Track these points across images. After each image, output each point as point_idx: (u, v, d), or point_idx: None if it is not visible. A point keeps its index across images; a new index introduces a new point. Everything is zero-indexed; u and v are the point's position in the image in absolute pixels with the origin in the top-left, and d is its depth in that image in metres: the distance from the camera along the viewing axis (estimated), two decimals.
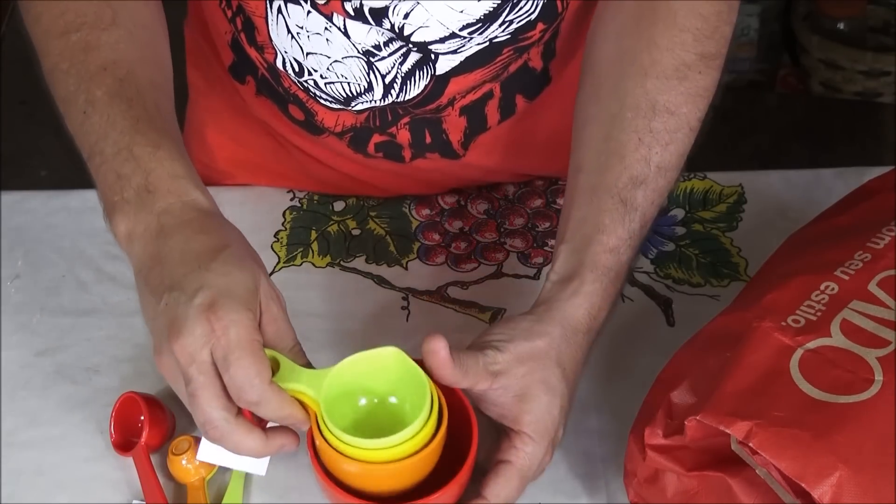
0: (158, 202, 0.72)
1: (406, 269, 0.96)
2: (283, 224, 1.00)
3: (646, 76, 0.78)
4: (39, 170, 2.25)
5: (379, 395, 0.72)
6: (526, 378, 0.72)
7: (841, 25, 2.25)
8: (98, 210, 1.01)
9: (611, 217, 0.77)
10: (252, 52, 0.93)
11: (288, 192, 1.03)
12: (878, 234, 0.75)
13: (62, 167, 2.22)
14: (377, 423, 0.71)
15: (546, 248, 0.97)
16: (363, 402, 0.72)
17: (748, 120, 2.24)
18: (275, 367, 0.70)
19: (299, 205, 1.02)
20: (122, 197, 0.73)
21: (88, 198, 1.03)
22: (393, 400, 0.72)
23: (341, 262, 0.97)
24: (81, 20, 0.79)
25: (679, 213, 0.99)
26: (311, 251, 0.98)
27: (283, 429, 0.71)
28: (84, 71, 0.78)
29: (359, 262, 0.97)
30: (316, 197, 1.02)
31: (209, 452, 0.74)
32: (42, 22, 0.81)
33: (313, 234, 0.99)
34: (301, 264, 0.96)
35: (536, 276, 0.94)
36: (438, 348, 0.68)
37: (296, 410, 0.69)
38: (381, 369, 0.71)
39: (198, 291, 0.67)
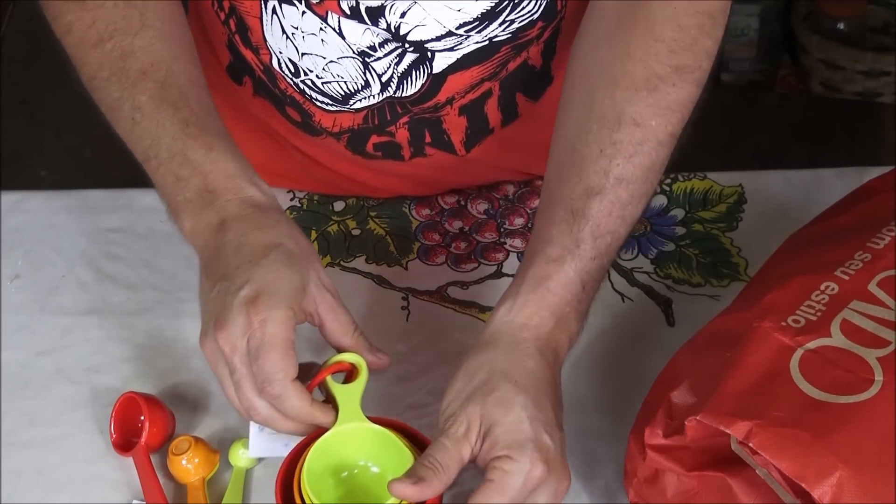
0: (217, 201, 0.76)
1: (406, 269, 0.96)
2: None
3: (615, 87, 0.78)
4: (39, 170, 2.25)
5: (364, 463, 0.74)
6: (483, 413, 0.71)
7: (841, 25, 2.25)
8: (98, 210, 1.02)
9: (558, 228, 0.76)
10: (247, 54, 0.93)
11: (288, 192, 1.03)
12: (878, 234, 0.75)
13: (62, 167, 2.24)
14: (355, 486, 0.73)
15: None
16: (345, 474, 0.74)
17: (748, 120, 2.24)
18: (350, 376, 0.75)
19: (299, 205, 1.02)
20: (185, 197, 0.77)
21: (88, 198, 1.03)
22: (375, 469, 0.74)
23: (341, 262, 0.97)
24: (113, 27, 0.81)
25: (679, 213, 0.99)
26: None
27: (320, 405, 0.73)
28: (125, 78, 0.80)
29: (359, 262, 0.97)
30: (316, 197, 1.02)
31: (258, 448, 0.79)
32: (74, 33, 0.83)
33: (313, 234, 0.99)
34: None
35: None
36: (402, 492, 0.69)
37: (316, 412, 0.72)
38: (375, 443, 0.73)
39: (244, 285, 0.72)
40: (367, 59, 0.87)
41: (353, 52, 0.87)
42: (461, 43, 0.86)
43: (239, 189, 0.77)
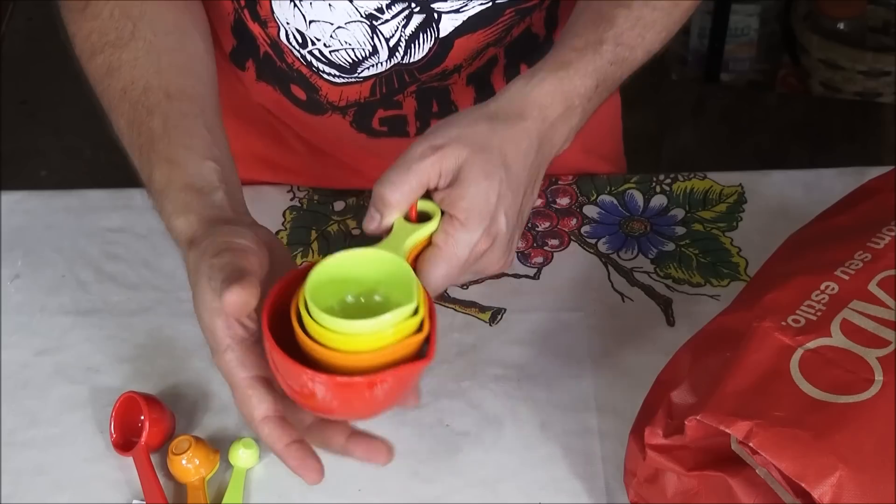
0: (183, 250, 0.73)
1: None
2: (283, 224, 1.00)
3: None
4: (39, 170, 2.26)
5: (367, 292, 0.70)
6: (466, 163, 0.71)
7: (841, 25, 2.25)
8: (98, 210, 1.02)
9: (584, 25, 0.78)
10: (255, 28, 0.93)
11: (288, 191, 1.03)
12: (878, 234, 0.75)
13: (62, 167, 2.24)
14: (356, 309, 0.69)
15: (546, 247, 0.97)
16: (350, 298, 0.69)
17: (748, 120, 2.24)
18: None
19: (299, 204, 1.02)
20: (172, 235, 0.75)
21: (88, 198, 1.03)
22: (378, 298, 0.69)
23: None
24: (104, 40, 0.81)
25: (679, 213, 0.99)
26: (311, 251, 0.98)
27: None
28: (106, 99, 0.80)
29: None
30: (316, 197, 1.02)
31: None
32: (76, 44, 0.83)
33: (313, 234, 0.99)
34: (301, 264, 0.96)
35: (536, 276, 0.95)
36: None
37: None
38: (378, 269, 0.69)
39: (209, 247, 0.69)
40: (374, 22, 0.88)
41: (361, 16, 0.87)
42: (466, 4, 0.87)
43: (191, 237, 0.72)
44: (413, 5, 0.87)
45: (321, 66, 0.92)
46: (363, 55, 0.91)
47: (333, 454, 0.69)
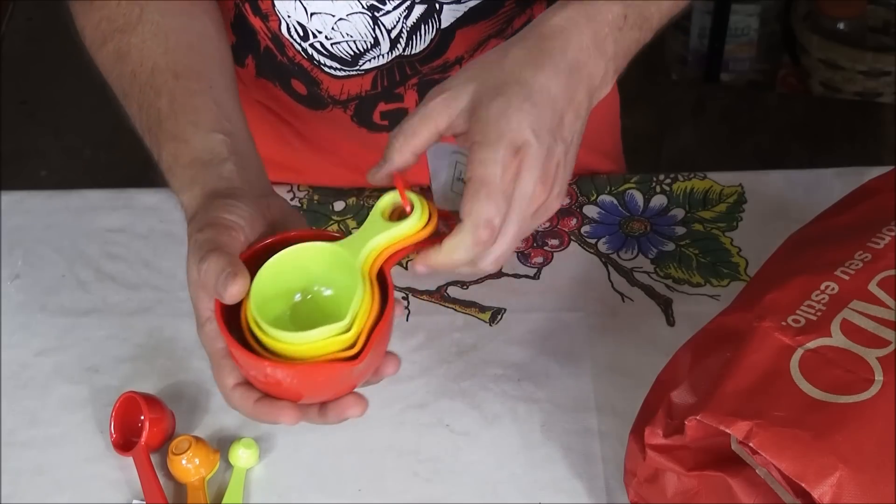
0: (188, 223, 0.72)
1: (406, 268, 0.96)
2: None
3: None
4: (39, 170, 2.26)
5: (318, 289, 0.68)
6: (476, 92, 0.68)
7: (841, 25, 2.25)
8: (98, 210, 1.02)
9: None
10: (256, 23, 0.93)
11: (288, 191, 1.03)
12: (878, 234, 0.75)
13: (62, 167, 2.24)
14: (308, 309, 0.68)
15: (546, 247, 0.97)
16: (297, 297, 0.68)
17: (748, 120, 2.24)
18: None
19: (299, 205, 1.02)
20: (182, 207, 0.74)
21: (88, 198, 1.03)
22: (327, 292, 0.68)
23: None
24: (113, 27, 0.81)
25: (679, 213, 0.99)
26: None
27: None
28: (118, 86, 0.80)
29: None
30: (316, 196, 1.02)
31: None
32: (86, 35, 0.84)
33: None
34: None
35: (536, 276, 0.95)
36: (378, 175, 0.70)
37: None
38: (332, 266, 0.67)
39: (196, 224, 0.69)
40: (376, 13, 0.88)
41: (363, 7, 0.88)
42: None
43: (199, 208, 0.72)
44: None
45: (322, 59, 0.93)
46: (364, 47, 0.91)
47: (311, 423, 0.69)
